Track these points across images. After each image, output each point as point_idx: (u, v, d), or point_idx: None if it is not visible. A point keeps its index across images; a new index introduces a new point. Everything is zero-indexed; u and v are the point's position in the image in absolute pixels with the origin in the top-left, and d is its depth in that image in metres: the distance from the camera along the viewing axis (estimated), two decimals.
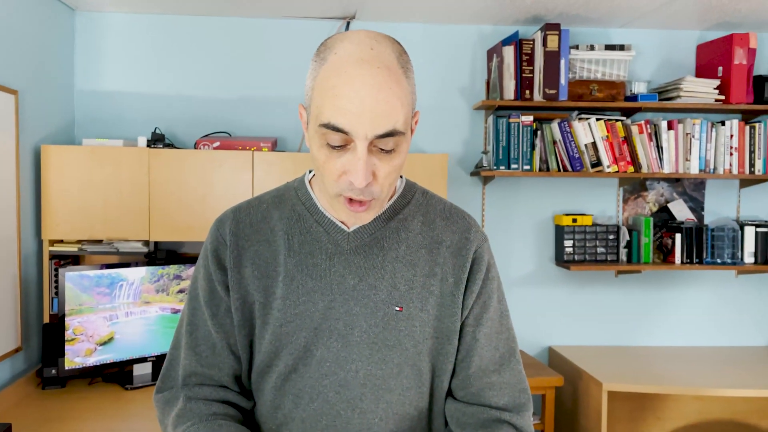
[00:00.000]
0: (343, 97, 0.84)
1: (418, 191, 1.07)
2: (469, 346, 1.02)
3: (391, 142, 0.86)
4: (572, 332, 3.22)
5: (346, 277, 0.98)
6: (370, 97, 0.83)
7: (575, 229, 3.05)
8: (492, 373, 1.02)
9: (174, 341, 1.07)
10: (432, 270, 1.00)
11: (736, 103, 2.92)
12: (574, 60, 2.94)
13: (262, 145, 2.73)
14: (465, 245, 1.02)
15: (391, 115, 0.84)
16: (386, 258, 0.99)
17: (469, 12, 2.91)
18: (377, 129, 0.84)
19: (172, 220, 2.64)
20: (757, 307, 3.26)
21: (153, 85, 2.99)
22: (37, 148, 2.60)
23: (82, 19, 2.94)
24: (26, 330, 2.52)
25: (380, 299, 0.98)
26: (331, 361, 0.97)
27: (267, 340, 0.99)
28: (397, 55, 0.89)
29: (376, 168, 0.88)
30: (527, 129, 2.94)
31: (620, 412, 3.08)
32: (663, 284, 3.24)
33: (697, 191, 3.22)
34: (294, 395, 0.98)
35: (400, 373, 0.98)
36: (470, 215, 1.08)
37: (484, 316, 1.02)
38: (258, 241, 1.01)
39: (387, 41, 0.89)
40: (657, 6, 2.79)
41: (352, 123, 0.84)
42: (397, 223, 1.02)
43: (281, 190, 1.08)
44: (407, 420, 1.00)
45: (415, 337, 0.98)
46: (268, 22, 3.03)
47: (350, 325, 0.97)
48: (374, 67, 0.84)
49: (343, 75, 0.84)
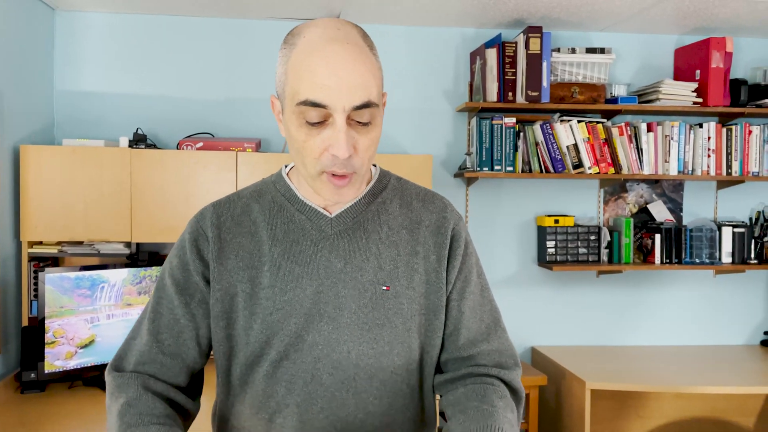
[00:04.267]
0: (319, 74, 0.88)
1: (393, 177, 1.13)
2: (455, 319, 1.05)
3: (367, 113, 0.91)
4: (555, 332, 3.25)
5: (333, 261, 1.00)
6: (345, 70, 0.88)
7: (557, 229, 3.09)
8: (480, 343, 1.06)
9: (132, 331, 1.06)
10: (414, 249, 1.04)
11: (713, 105, 2.98)
12: (556, 63, 2.97)
13: (246, 146, 2.72)
14: (443, 224, 1.07)
15: (366, 86, 0.89)
16: (370, 240, 1.02)
17: (452, 15, 2.93)
18: (354, 100, 0.89)
19: (155, 222, 2.61)
20: (734, 306, 3.33)
21: (134, 86, 2.96)
22: (16, 148, 2.56)
23: (62, 19, 2.90)
24: (4, 333, 2.47)
25: (367, 280, 1.00)
26: (323, 344, 0.98)
27: (256, 330, 0.99)
28: (362, 36, 0.95)
29: (355, 141, 0.92)
30: (510, 131, 2.97)
31: (602, 412, 3.11)
32: (643, 284, 3.28)
33: (675, 192, 3.27)
34: (287, 381, 0.98)
35: (391, 351, 1.00)
36: (444, 197, 1.13)
37: (466, 290, 1.06)
38: (240, 234, 1.03)
39: (350, 25, 0.95)
40: (636, 11, 2.84)
41: (330, 97, 0.88)
42: (377, 206, 1.05)
43: (259, 185, 1.10)
44: (400, 397, 1.02)
45: (403, 314, 1.01)
46: (251, 23, 3.02)
47: (340, 308, 0.99)
48: (345, 43, 0.90)
49: (316, 54, 0.89)
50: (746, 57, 3.26)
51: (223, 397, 1.05)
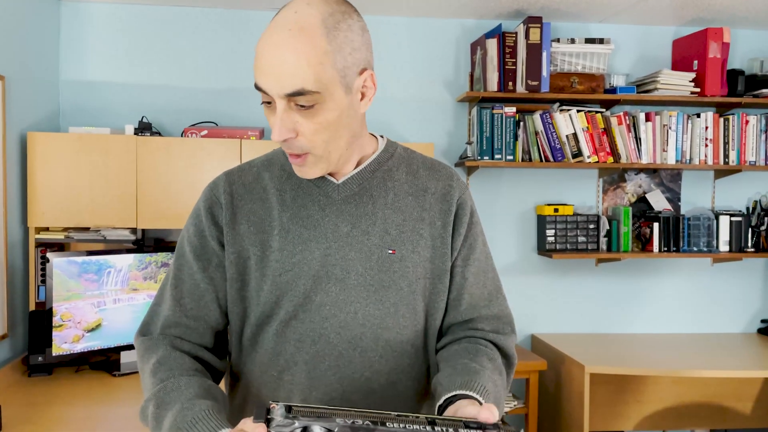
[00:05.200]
0: (259, 59, 0.92)
1: (400, 147, 1.14)
2: (459, 285, 1.09)
3: (305, 99, 0.91)
4: (554, 320, 3.29)
5: (340, 225, 1.04)
6: (275, 58, 0.90)
7: (557, 218, 3.12)
8: (481, 308, 1.10)
9: (156, 298, 1.10)
10: (420, 215, 1.07)
11: (710, 95, 3.02)
12: (556, 53, 3.01)
13: (249, 134, 2.76)
14: (449, 192, 1.10)
15: (296, 74, 0.89)
16: (376, 205, 1.05)
17: (453, 6, 2.97)
18: (284, 88, 0.90)
19: (160, 208, 2.64)
20: (731, 293, 3.37)
21: (138, 76, 2.99)
22: (23, 136, 2.59)
23: (68, 9, 2.94)
24: (12, 318, 2.50)
25: (373, 243, 1.04)
26: (331, 305, 1.02)
27: (266, 291, 1.03)
28: (324, 16, 0.91)
29: (298, 124, 0.94)
30: (510, 120, 3.00)
31: (601, 396, 3.15)
32: (642, 272, 3.32)
33: (673, 182, 3.31)
34: (296, 340, 1.02)
35: (396, 312, 1.04)
36: (450, 166, 1.15)
37: (471, 257, 1.10)
38: (251, 200, 1.06)
39: (319, 4, 0.92)
40: (633, 2, 2.88)
41: (264, 82, 0.92)
42: (383, 173, 1.08)
43: (270, 154, 1.14)
44: (405, 357, 1.05)
45: (408, 277, 1.04)
46: (254, 14, 3.05)
47: (347, 270, 1.02)
48: (285, 29, 0.90)
49: (261, 38, 0.93)
50: (743, 48, 3.30)
51: (236, 356, 1.09)
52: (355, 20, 0.96)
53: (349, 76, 0.94)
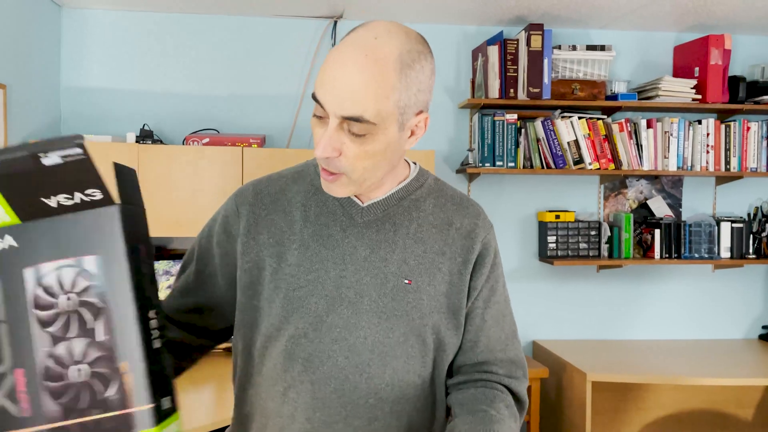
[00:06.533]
0: (325, 72, 0.91)
1: (431, 177, 1.13)
2: (477, 327, 1.08)
3: (358, 127, 0.90)
4: (556, 326, 3.29)
5: (358, 248, 1.03)
6: (343, 78, 0.89)
7: (558, 225, 3.12)
8: (497, 352, 1.10)
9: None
10: (441, 249, 1.06)
11: (712, 102, 3.02)
12: (557, 60, 3.01)
13: (251, 141, 2.76)
14: (474, 230, 1.08)
15: (359, 101, 0.88)
16: (398, 233, 1.05)
17: (454, 12, 2.97)
18: (343, 110, 0.89)
19: (162, 216, 2.64)
20: (732, 300, 3.37)
21: (140, 83, 2.99)
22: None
23: (69, 16, 2.94)
24: None
25: (390, 271, 1.03)
26: (341, 327, 1.01)
27: (278, 304, 1.03)
28: (402, 51, 0.91)
29: (344, 146, 0.93)
30: (512, 127, 3.00)
31: (602, 404, 3.15)
32: (643, 278, 3.32)
33: (674, 188, 3.31)
34: (304, 359, 1.02)
35: (405, 342, 1.03)
36: (478, 204, 1.14)
37: (491, 299, 1.09)
38: (275, 211, 1.07)
39: (400, 36, 0.92)
40: (634, 8, 2.88)
41: (324, 97, 0.90)
42: (410, 203, 1.07)
43: (301, 166, 1.13)
44: (412, 387, 1.04)
45: (421, 309, 1.03)
46: (255, 21, 3.06)
47: (360, 294, 1.02)
48: (361, 52, 0.89)
49: (333, 52, 0.91)
50: (744, 54, 3.30)
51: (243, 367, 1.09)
52: (428, 62, 0.95)
53: (406, 114, 0.94)
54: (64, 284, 0.76)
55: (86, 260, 0.77)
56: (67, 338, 0.77)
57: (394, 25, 0.94)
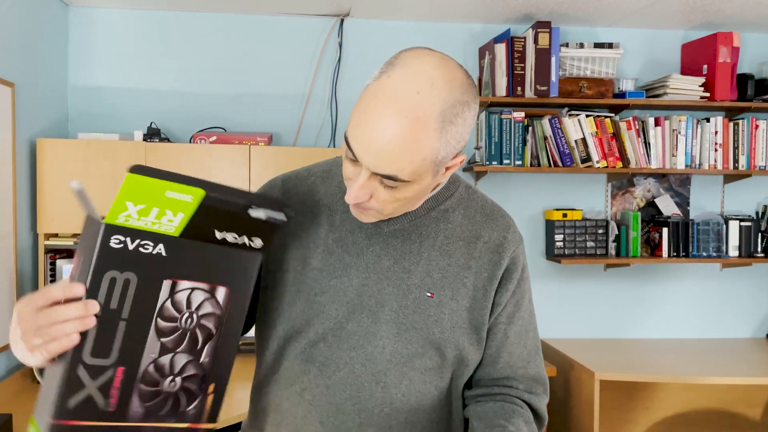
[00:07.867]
0: (361, 126, 0.86)
1: (462, 185, 1.10)
2: (500, 342, 1.06)
3: (392, 183, 0.88)
4: (563, 325, 3.28)
5: (382, 257, 1.02)
6: (379, 139, 0.84)
7: (565, 223, 3.11)
8: (519, 368, 1.08)
9: None
10: (467, 263, 1.03)
11: (720, 100, 3.01)
12: (564, 58, 3.00)
13: (258, 140, 2.76)
14: (503, 244, 1.05)
15: (394, 162, 0.85)
16: (423, 245, 1.03)
17: (461, 11, 2.96)
18: (377, 168, 0.86)
19: None
20: (740, 298, 3.35)
21: (147, 81, 3.00)
22: (32, 142, 2.59)
23: (76, 15, 2.94)
24: None
25: (413, 283, 1.01)
26: (360, 335, 1.01)
27: (299, 308, 1.02)
28: (444, 107, 0.85)
29: (375, 192, 0.90)
30: (519, 125, 3.00)
31: (610, 403, 3.14)
32: (651, 277, 3.31)
33: (682, 187, 3.30)
34: (321, 363, 1.01)
35: (424, 354, 1.01)
36: (509, 215, 1.10)
37: (516, 315, 1.07)
38: (302, 213, 1.05)
39: (444, 89, 0.86)
40: (642, 6, 2.86)
41: (359, 151, 0.86)
42: (438, 213, 1.05)
43: (330, 163, 1.11)
44: (428, 398, 1.03)
45: (442, 324, 1.01)
46: (262, 19, 3.05)
47: (381, 303, 1.01)
48: (401, 114, 0.83)
49: (372, 104, 0.85)
50: (753, 52, 3.29)
51: (263, 367, 1.09)
52: (472, 111, 0.91)
53: (443, 163, 0.91)
54: (192, 304, 0.83)
55: (219, 290, 0.85)
56: (176, 352, 0.83)
57: (439, 70, 0.87)
